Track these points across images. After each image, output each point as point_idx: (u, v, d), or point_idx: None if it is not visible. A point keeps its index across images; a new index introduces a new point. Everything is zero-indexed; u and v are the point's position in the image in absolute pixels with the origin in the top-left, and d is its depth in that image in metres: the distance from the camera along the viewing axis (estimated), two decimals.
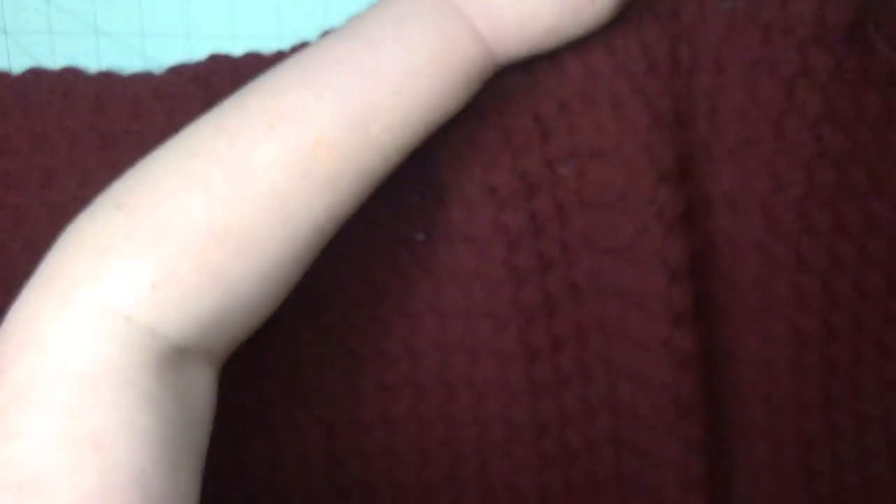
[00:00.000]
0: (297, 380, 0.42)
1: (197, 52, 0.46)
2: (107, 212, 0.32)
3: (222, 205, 0.31)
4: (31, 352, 0.30)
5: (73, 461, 0.28)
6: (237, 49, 0.46)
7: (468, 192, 0.40)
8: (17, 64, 0.45)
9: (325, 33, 0.39)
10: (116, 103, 0.42)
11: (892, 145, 0.42)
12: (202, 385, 0.33)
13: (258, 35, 0.46)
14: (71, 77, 0.43)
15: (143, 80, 0.43)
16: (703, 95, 0.41)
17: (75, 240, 0.32)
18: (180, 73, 0.43)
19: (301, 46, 0.41)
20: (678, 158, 0.40)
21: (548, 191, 0.40)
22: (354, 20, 0.36)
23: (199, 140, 0.33)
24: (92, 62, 0.46)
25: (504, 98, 0.40)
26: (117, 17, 0.45)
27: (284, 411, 0.42)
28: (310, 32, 0.46)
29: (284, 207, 0.32)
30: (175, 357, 0.31)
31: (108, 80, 0.43)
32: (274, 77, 0.34)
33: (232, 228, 0.31)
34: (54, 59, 0.45)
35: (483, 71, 0.36)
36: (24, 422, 0.28)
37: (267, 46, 0.46)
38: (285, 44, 0.46)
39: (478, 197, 0.40)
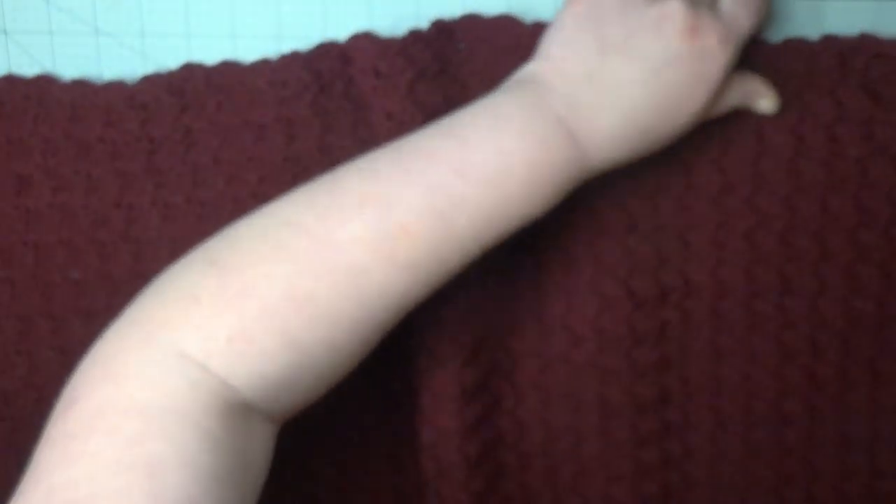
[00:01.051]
0: None
1: (197, 52, 0.46)
2: (201, 266, 0.34)
3: (305, 275, 0.33)
4: (105, 384, 0.32)
5: (126, 484, 0.29)
6: (237, 49, 0.46)
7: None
8: (17, 64, 0.46)
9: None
10: (91, 111, 0.43)
11: (874, 176, 0.42)
12: (262, 439, 0.34)
13: (258, 35, 0.46)
14: (45, 84, 0.44)
15: (116, 89, 0.44)
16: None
17: (167, 286, 0.34)
18: (154, 82, 0.44)
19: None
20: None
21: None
22: (453, 117, 0.37)
23: (292, 211, 0.35)
24: (92, 62, 0.46)
25: None
26: (117, 17, 0.45)
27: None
28: (310, 32, 0.46)
29: (362, 286, 0.34)
30: (242, 409, 0.33)
31: (82, 89, 0.44)
32: (368, 161, 0.36)
33: (310, 298, 0.33)
34: (54, 59, 0.45)
35: (574, 176, 0.36)
36: (89, 447, 0.30)
37: (267, 46, 0.46)
38: (285, 44, 0.46)
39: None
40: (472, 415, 0.43)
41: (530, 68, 0.38)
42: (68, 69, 0.45)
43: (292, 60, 0.44)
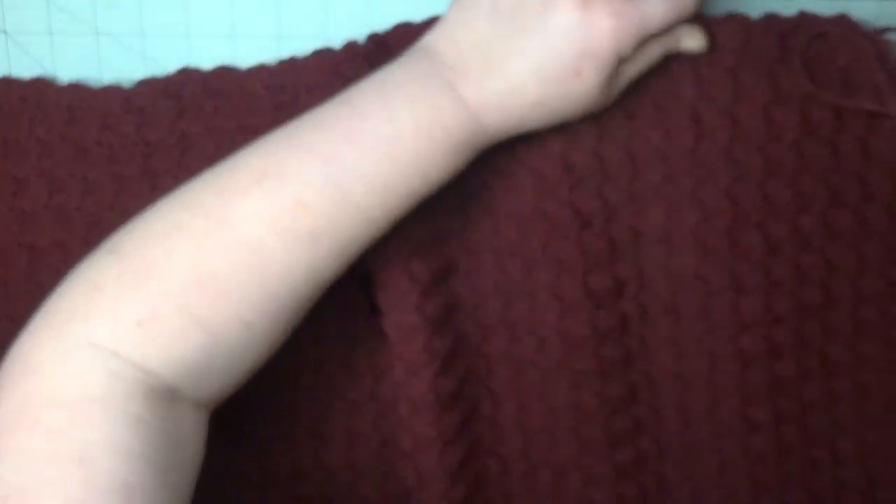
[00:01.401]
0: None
1: (197, 52, 0.46)
2: (102, 256, 0.34)
3: (205, 254, 0.33)
4: (23, 380, 0.32)
5: (58, 474, 0.30)
6: (237, 49, 0.46)
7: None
8: (17, 64, 0.46)
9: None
10: (88, 114, 0.43)
11: (811, 160, 0.42)
12: (192, 423, 0.34)
13: (258, 35, 0.46)
14: (42, 87, 0.44)
15: (113, 93, 0.44)
16: (619, 147, 0.42)
17: (74, 279, 0.34)
18: (150, 86, 0.44)
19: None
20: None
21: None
22: (348, 89, 0.37)
23: (192, 192, 0.35)
24: (92, 62, 0.46)
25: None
26: (117, 17, 0.45)
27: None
28: (310, 32, 0.46)
29: (263, 262, 0.34)
30: (166, 393, 0.33)
31: (79, 91, 0.44)
32: (265, 139, 0.36)
33: (213, 276, 0.33)
34: (54, 59, 0.45)
35: (470, 141, 0.36)
36: (14, 442, 0.30)
37: (267, 46, 0.46)
38: (285, 44, 0.46)
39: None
40: (450, 423, 0.43)
41: (425, 38, 0.38)
42: (68, 69, 0.45)
43: (289, 66, 0.44)
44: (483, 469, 0.46)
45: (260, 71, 0.44)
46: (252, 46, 0.46)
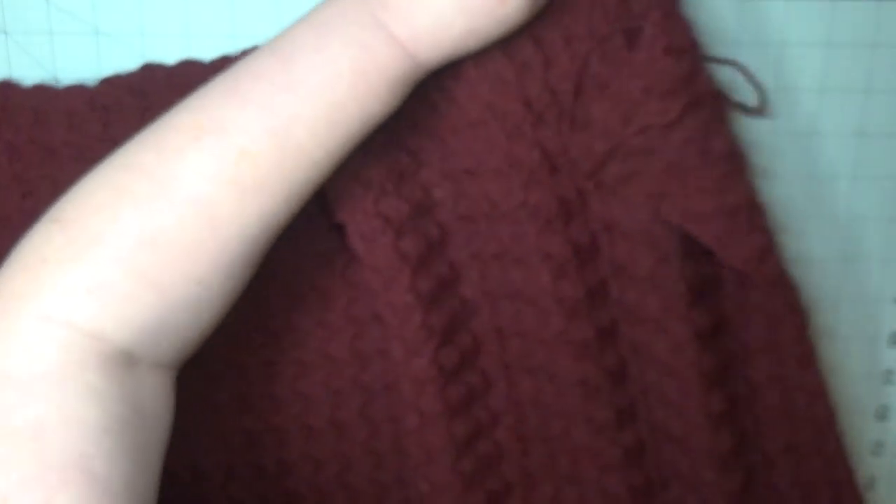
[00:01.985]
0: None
1: (197, 52, 0.46)
2: (45, 226, 0.34)
3: (151, 214, 0.33)
4: None
5: (10, 451, 0.30)
6: (238, 49, 0.46)
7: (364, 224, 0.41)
8: (17, 64, 0.46)
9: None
10: (53, 115, 0.43)
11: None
12: (155, 388, 0.34)
13: (258, 35, 0.45)
14: (6, 90, 0.44)
15: (77, 92, 0.43)
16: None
17: (17, 255, 0.34)
18: (114, 84, 0.43)
19: (250, 49, 0.40)
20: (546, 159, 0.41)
21: (428, 213, 0.42)
22: (279, 35, 0.37)
23: (130, 155, 0.35)
24: (92, 62, 0.46)
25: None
26: (117, 17, 0.45)
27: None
28: None
29: (213, 217, 0.33)
30: (122, 359, 0.33)
31: (44, 93, 0.44)
32: (200, 94, 0.36)
33: (161, 236, 0.33)
34: (54, 59, 0.45)
35: (406, 75, 0.37)
36: None
37: None
38: None
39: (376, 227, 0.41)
40: (456, 395, 0.43)
41: None
42: (68, 69, 0.45)
43: None
44: (497, 445, 0.45)
45: (223, 63, 0.43)
46: (252, 46, 0.45)
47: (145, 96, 0.43)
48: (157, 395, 0.34)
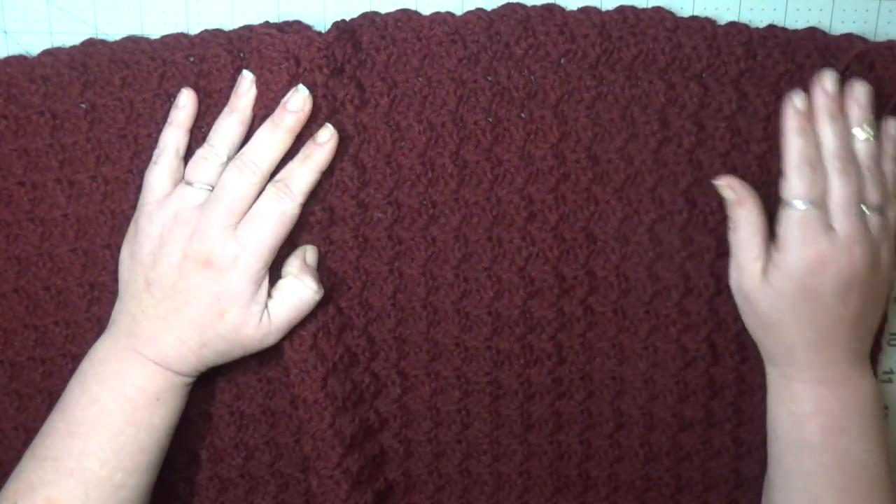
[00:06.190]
0: None
1: None
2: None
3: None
4: None
5: None
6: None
7: None
8: None
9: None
10: None
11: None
12: None
13: None
14: None
15: (17, 63, 0.43)
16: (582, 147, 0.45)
17: None
18: (55, 56, 0.43)
19: None
20: None
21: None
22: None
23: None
24: None
25: None
26: (117, 17, 0.45)
27: None
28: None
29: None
30: None
31: None
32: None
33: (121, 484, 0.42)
34: None
35: (172, 384, 0.43)
36: None
37: None
38: None
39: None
40: (339, 389, 0.45)
41: (114, 312, 0.45)
42: None
43: (211, 36, 0.43)
44: (384, 447, 0.47)
45: (177, 40, 0.43)
46: None
47: (87, 70, 0.43)
48: None
